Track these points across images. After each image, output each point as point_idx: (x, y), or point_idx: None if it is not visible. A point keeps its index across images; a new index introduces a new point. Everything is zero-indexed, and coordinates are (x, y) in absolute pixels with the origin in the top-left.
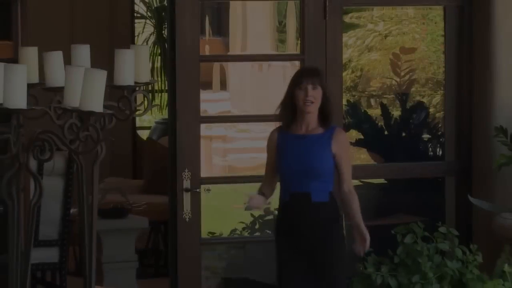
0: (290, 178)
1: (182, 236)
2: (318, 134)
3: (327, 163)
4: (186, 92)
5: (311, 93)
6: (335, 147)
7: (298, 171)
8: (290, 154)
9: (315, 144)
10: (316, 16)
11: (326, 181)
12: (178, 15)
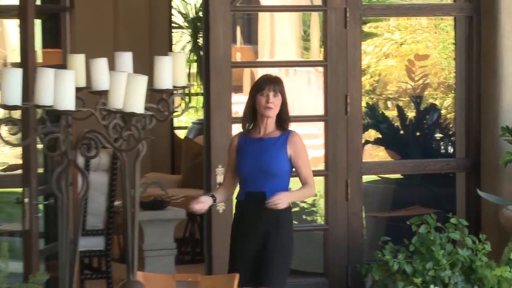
0: (247, 179)
1: (215, 226)
2: (274, 138)
3: (282, 164)
4: (219, 95)
5: (272, 100)
6: (290, 149)
7: (254, 172)
8: (248, 155)
9: (271, 146)
10: (338, 26)
11: (281, 182)
12: (212, 25)
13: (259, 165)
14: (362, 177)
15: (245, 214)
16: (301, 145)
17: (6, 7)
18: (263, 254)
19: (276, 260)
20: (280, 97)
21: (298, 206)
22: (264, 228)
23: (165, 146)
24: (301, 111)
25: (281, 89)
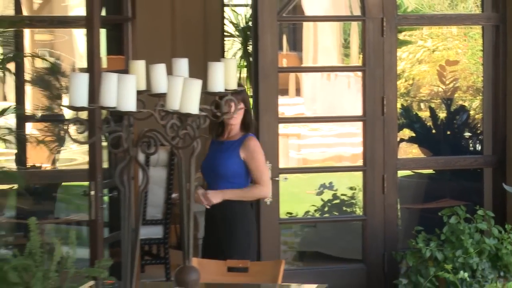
0: (207, 179)
1: (264, 217)
2: (232, 141)
3: (232, 166)
4: (267, 98)
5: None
6: (242, 152)
7: (210, 173)
8: (206, 157)
9: (226, 149)
10: (375, 34)
11: (235, 182)
12: (261, 34)
13: (212, 166)
14: (397, 172)
15: (208, 213)
16: (254, 148)
17: (75, 17)
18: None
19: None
20: (243, 105)
21: (339, 199)
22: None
23: None
24: (342, 112)
25: (243, 97)
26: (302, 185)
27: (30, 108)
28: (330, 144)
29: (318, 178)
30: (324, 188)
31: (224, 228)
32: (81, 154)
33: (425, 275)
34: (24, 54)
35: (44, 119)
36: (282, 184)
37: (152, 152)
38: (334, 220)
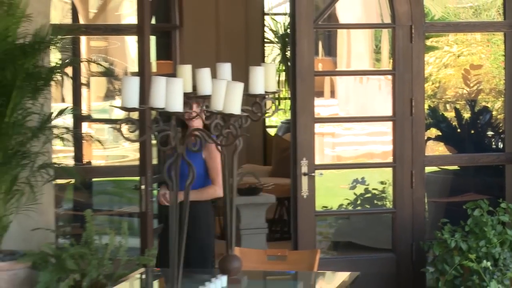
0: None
1: (301, 209)
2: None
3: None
4: (304, 99)
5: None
6: (204, 154)
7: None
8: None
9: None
10: (404, 40)
11: (197, 183)
12: (298, 40)
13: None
14: (424, 168)
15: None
16: (213, 151)
17: (127, 25)
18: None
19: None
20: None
21: (370, 193)
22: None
23: (258, 141)
24: (373, 112)
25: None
26: (336, 180)
27: (86, 109)
28: (362, 142)
29: (351, 173)
30: (357, 183)
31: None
32: (132, 152)
33: (451, 264)
34: (80, 59)
35: (98, 119)
36: (317, 179)
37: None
38: (366, 212)
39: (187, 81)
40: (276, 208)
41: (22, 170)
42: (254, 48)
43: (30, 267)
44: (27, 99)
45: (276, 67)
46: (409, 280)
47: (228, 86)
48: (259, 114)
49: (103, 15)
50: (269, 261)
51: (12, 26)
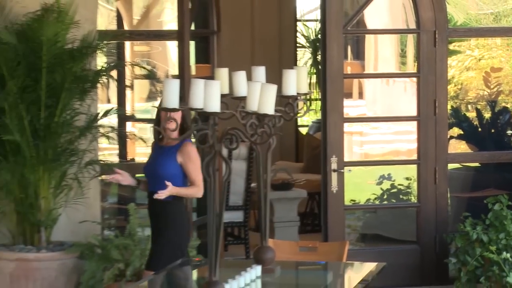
0: (148, 180)
1: (331, 203)
2: (170, 146)
3: (171, 169)
4: (333, 100)
5: (172, 115)
6: (179, 157)
7: (150, 175)
8: (149, 161)
9: (164, 154)
10: (428, 45)
11: (173, 183)
12: (328, 45)
13: (153, 169)
14: (447, 165)
15: (148, 209)
16: (190, 153)
17: (168, 31)
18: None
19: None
20: (180, 112)
21: (396, 188)
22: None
23: (290, 140)
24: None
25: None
26: (364, 176)
27: (130, 109)
28: (389, 141)
29: (378, 170)
30: (383, 179)
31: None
32: None
33: (472, 255)
34: (124, 63)
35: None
36: (346, 175)
37: (234, 147)
38: (392, 206)
39: (224, 83)
40: (308, 202)
41: (70, 167)
42: (287, 52)
43: (78, 257)
44: (75, 100)
45: (307, 70)
46: (432, 270)
47: (263, 88)
48: (292, 114)
49: (146, 21)
50: (301, 252)
51: (61, 32)
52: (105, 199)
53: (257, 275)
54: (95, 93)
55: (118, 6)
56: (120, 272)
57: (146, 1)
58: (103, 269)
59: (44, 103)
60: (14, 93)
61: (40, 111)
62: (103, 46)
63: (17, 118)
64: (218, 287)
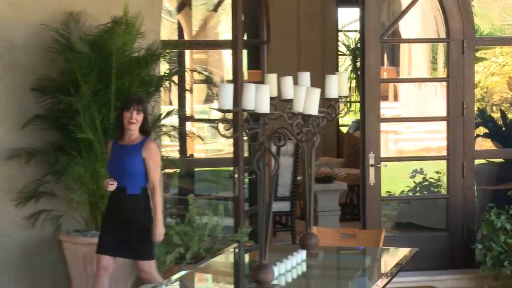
0: (112, 176)
1: (368, 195)
2: (134, 144)
3: (137, 165)
4: (371, 102)
5: (135, 117)
6: (144, 153)
7: (117, 171)
8: (112, 158)
9: (130, 151)
10: (457, 52)
11: (138, 179)
12: (367, 53)
13: (120, 166)
14: (474, 160)
15: (112, 203)
16: (153, 151)
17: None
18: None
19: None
20: (142, 114)
21: (427, 181)
22: (126, 214)
23: (332, 138)
24: (430, 113)
25: (143, 107)
26: (398, 170)
27: (189, 111)
28: (421, 139)
29: (411, 165)
30: (416, 173)
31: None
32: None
33: (496, 242)
34: (184, 69)
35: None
36: (382, 170)
37: (282, 144)
38: (424, 198)
39: (273, 87)
40: (348, 194)
41: None
42: (329, 59)
43: None
44: None
45: (347, 76)
46: (460, 255)
47: (307, 91)
48: (333, 114)
49: (204, 32)
50: (342, 238)
51: (129, 42)
52: (167, 191)
53: (302, 259)
54: (159, 96)
55: (179, 18)
56: (180, 255)
57: (203, 14)
58: (165, 253)
59: (114, 105)
60: (87, 96)
61: (110, 112)
62: (166, 54)
63: (90, 119)
64: (268, 269)
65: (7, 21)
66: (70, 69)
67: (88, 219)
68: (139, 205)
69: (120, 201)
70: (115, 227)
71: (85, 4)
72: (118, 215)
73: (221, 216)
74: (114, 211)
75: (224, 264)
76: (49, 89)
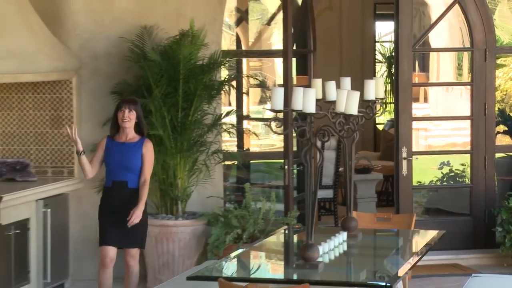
0: (113, 171)
1: (401, 184)
2: (133, 142)
3: (137, 161)
4: (404, 104)
5: (127, 115)
6: (143, 150)
7: (118, 166)
8: (114, 155)
9: (131, 149)
10: (480, 60)
11: (137, 174)
12: (400, 61)
13: (122, 162)
14: (495, 154)
15: (112, 196)
16: (150, 149)
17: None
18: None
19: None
20: (135, 113)
21: (453, 172)
22: (126, 206)
23: (370, 134)
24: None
25: (135, 107)
26: (427, 163)
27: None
28: (447, 135)
29: (439, 158)
30: (443, 165)
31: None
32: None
33: None
34: (242, 75)
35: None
36: (414, 162)
37: (326, 140)
38: (450, 187)
39: (318, 91)
40: (383, 183)
41: (200, 155)
42: (367, 66)
43: (206, 224)
44: (204, 103)
45: (383, 80)
46: (482, 237)
47: (348, 94)
48: (371, 114)
49: (259, 43)
50: (378, 221)
51: (194, 52)
52: (227, 180)
53: (343, 239)
54: (220, 98)
55: (238, 31)
56: (238, 236)
57: (258, 27)
58: (225, 233)
59: (181, 106)
60: (158, 98)
61: (178, 112)
62: (226, 62)
63: (161, 118)
64: (314, 248)
65: (91, 35)
66: (144, 75)
67: (159, 204)
68: (137, 197)
69: (122, 194)
70: (116, 219)
71: (157, 19)
72: (119, 207)
73: (273, 202)
74: (115, 204)
75: (276, 244)
76: (126, 92)
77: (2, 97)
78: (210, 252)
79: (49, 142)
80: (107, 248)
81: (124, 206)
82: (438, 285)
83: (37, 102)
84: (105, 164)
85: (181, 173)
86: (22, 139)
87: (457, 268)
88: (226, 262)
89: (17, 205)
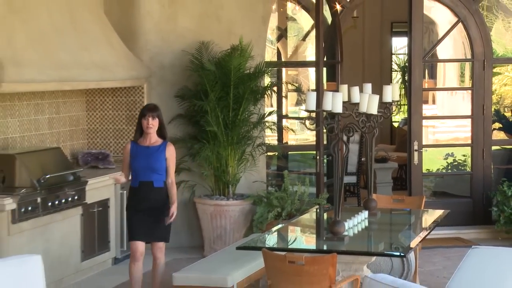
0: (139, 172)
1: (413, 171)
2: (156, 146)
3: (162, 163)
4: (416, 105)
5: (151, 122)
6: (167, 153)
7: (144, 168)
8: (140, 157)
9: (155, 151)
10: (479, 69)
11: (162, 174)
12: (413, 70)
13: (148, 164)
14: (491, 147)
15: (139, 195)
16: (172, 152)
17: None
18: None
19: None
20: (157, 119)
21: (457, 162)
22: (152, 204)
23: (387, 130)
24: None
25: (158, 114)
26: (435, 154)
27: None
28: (452, 131)
29: (444, 150)
30: (448, 155)
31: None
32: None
33: (508, 206)
34: (281, 82)
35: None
36: (424, 153)
37: (350, 135)
38: (454, 174)
39: (344, 94)
40: (398, 171)
41: (247, 147)
42: (385, 74)
43: (252, 204)
44: (251, 105)
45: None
46: (480, 215)
47: (369, 97)
48: (388, 114)
49: (295, 55)
50: (394, 202)
51: (242, 63)
52: (269, 167)
53: (365, 217)
54: (263, 100)
55: (278, 46)
56: (278, 213)
57: (295, 42)
58: (267, 212)
59: (232, 107)
60: (213, 101)
61: (229, 112)
62: (268, 71)
63: (215, 117)
64: (340, 224)
65: (159, 49)
66: (202, 82)
67: (214, 187)
68: (162, 196)
69: (149, 193)
70: (143, 217)
71: (212, 36)
72: (146, 205)
73: (307, 186)
74: (142, 202)
75: (309, 220)
76: (187, 96)
77: (87, 100)
78: (255, 227)
79: (125, 136)
80: (137, 243)
81: (150, 204)
82: (444, 255)
83: (115, 104)
84: (131, 166)
85: (232, 162)
86: (103, 134)
87: (460, 241)
88: (269, 235)
89: (99, 188)
